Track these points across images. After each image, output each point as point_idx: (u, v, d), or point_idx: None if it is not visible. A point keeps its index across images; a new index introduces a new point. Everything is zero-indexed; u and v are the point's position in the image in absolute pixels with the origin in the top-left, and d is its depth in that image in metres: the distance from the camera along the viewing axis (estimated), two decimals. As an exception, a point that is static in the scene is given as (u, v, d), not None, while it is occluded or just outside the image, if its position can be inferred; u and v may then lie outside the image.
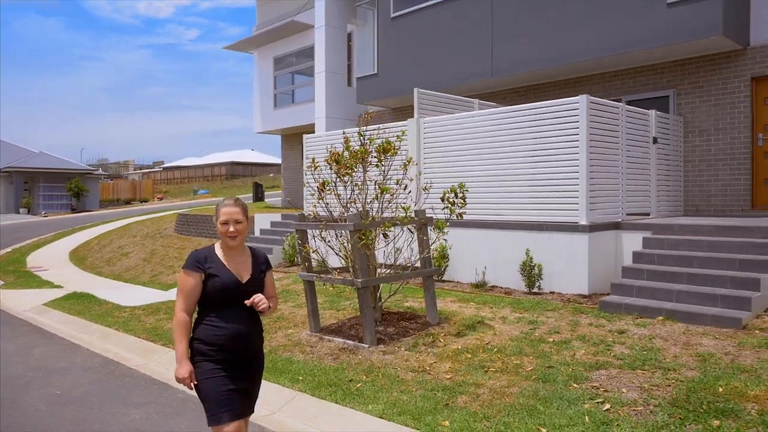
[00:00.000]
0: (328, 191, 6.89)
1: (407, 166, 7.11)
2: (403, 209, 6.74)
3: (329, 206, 7.05)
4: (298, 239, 7.05)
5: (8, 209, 36.00)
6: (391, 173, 7.15)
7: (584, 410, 4.33)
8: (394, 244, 7.20)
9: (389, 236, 6.99)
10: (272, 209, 16.95)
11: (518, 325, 6.65)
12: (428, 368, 5.52)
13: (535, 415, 4.35)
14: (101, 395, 5.59)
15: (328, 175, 7.12)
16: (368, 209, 6.93)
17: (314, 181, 7.05)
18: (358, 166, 6.85)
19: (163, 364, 6.57)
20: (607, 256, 7.95)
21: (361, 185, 6.94)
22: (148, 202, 43.91)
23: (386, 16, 13.50)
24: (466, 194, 6.84)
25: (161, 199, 45.52)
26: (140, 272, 13.64)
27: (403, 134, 7.30)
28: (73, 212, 35.98)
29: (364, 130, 7.13)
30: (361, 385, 5.23)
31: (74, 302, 10.18)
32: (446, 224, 6.81)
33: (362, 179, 6.96)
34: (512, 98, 12.37)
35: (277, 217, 13.91)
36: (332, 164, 6.85)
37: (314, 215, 7.27)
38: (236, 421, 3.07)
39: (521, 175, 8.46)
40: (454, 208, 6.76)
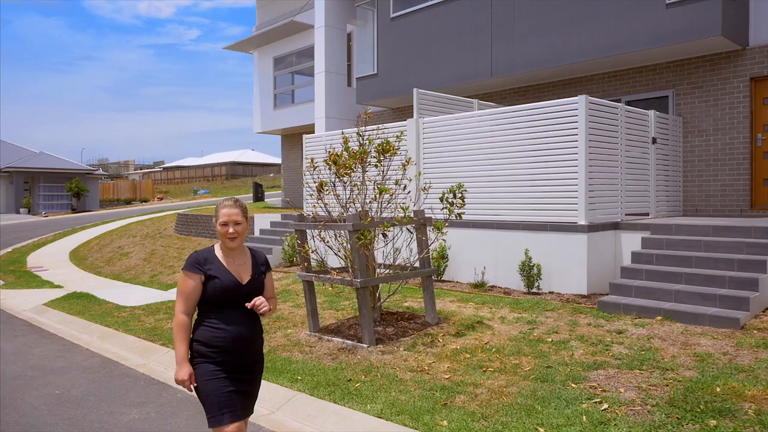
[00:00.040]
0: (326, 192, 6.90)
1: (406, 166, 7.12)
2: (401, 209, 6.74)
3: (328, 206, 7.06)
4: (297, 239, 7.06)
5: (8, 209, 36.04)
6: (390, 173, 7.16)
7: (582, 410, 4.34)
8: (393, 244, 7.21)
9: (388, 236, 7.01)
10: (272, 209, 16.95)
11: (517, 325, 6.66)
12: (427, 368, 5.53)
13: (533, 414, 4.36)
14: (100, 395, 5.60)
15: (327, 175, 7.12)
16: (367, 209, 6.94)
17: (313, 181, 7.07)
18: (356, 166, 6.86)
19: (162, 363, 6.58)
20: (605, 256, 7.96)
21: (360, 186, 6.95)
22: (148, 202, 43.93)
23: (386, 16, 13.51)
24: (464, 194, 6.84)
25: (161, 199, 45.54)
26: (140, 272, 13.65)
27: (401, 134, 7.31)
28: (73, 212, 36.00)
29: (362, 130, 7.13)
30: (359, 384, 5.24)
31: (74, 302, 10.18)
32: (445, 224, 6.82)
33: (361, 180, 6.96)
34: (512, 98, 12.38)
35: (276, 217, 13.92)
36: (331, 165, 6.86)
37: (314, 215, 7.28)
38: (237, 422, 3.06)
39: (520, 175, 8.47)
40: (452, 208, 6.77)
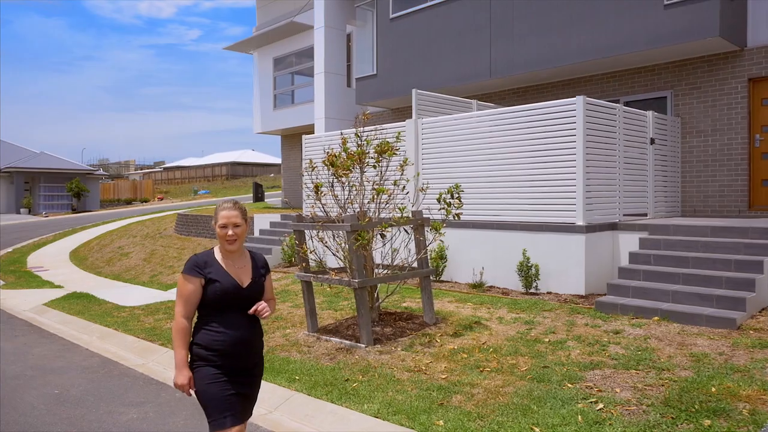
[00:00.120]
0: (322, 194, 6.92)
1: (404, 166, 7.14)
2: (399, 210, 6.77)
3: (327, 207, 7.08)
4: (295, 240, 7.08)
5: (9, 209, 36.08)
6: (388, 174, 7.18)
7: (578, 410, 4.36)
8: (391, 244, 7.24)
9: (386, 237, 7.03)
10: (272, 209, 16.98)
11: (515, 325, 6.68)
12: (424, 368, 5.55)
13: (528, 414, 4.38)
14: (99, 394, 5.62)
15: (326, 176, 7.15)
16: (365, 210, 6.96)
17: (311, 182, 7.09)
18: (354, 167, 6.88)
19: (161, 363, 6.61)
20: (603, 256, 7.98)
21: (358, 186, 6.98)
22: (148, 202, 43.97)
23: (385, 17, 13.53)
24: (461, 195, 6.87)
25: (162, 199, 45.58)
26: (140, 272, 13.68)
27: (400, 135, 7.33)
28: (73, 212, 36.05)
29: (361, 131, 7.15)
30: (357, 384, 5.26)
31: (74, 302, 10.21)
32: (443, 225, 6.84)
33: (359, 180, 6.99)
34: (511, 99, 12.40)
35: (276, 217, 13.95)
36: (329, 165, 6.88)
37: (312, 216, 7.30)
38: (239, 425, 3.06)
39: (519, 175, 8.48)
40: (450, 209, 6.79)
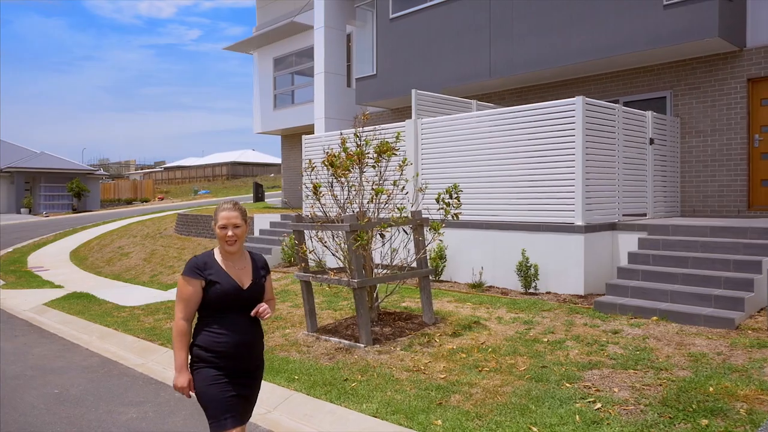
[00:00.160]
0: (322, 194, 6.93)
1: (403, 167, 7.15)
2: (398, 210, 6.78)
3: (327, 207, 7.09)
4: (295, 240, 7.10)
5: (9, 209, 36.11)
6: (387, 174, 7.19)
7: (575, 409, 4.38)
8: (390, 244, 7.25)
9: (386, 237, 7.04)
10: (272, 209, 17.00)
11: (513, 325, 6.69)
12: (423, 368, 5.56)
13: (526, 414, 4.39)
14: (98, 394, 5.64)
15: (325, 176, 7.16)
16: (365, 210, 6.97)
17: (311, 182, 7.10)
18: (354, 167, 6.89)
19: (160, 363, 6.62)
20: (602, 256, 7.99)
21: (358, 186, 6.99)
22: (148, 202, 43.99)
23: (385, 17, 13.55)
24: (460, 195, 6.88)
25: (162, 199, 45.60)
26: (140, 272, 13.70)
27: (399, 135, 7.35)
28: (74, 212, 36.07)
29: (360, 131, 7.17)
30: (355, 384, 5.27)
31: (74, 302, 10.23)
32: (441, 225, 6.85)
33: (359, 180, 7.00)
34: (510, 99, 12.41)
35: (276, 217, 13.97)
36: (328, 166, 6.90)
37: (312, 216, 7.32)
38: (239, 426, 3.05)
39: (518, 176, 8.50)
40: (449, 209, 6.81)
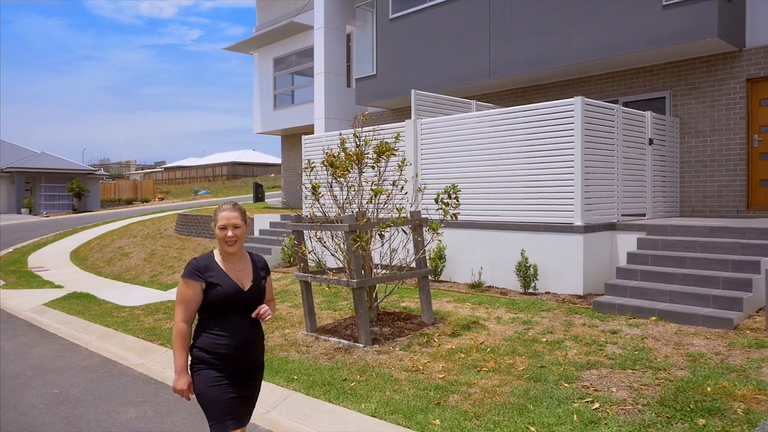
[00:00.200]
0: (321, 194, 6.95)
1: (402, 167, 7.16)
2: (397, 210, 6.79)
3: (326, 207, 7.11)
4: (294, 240, 7.11)
5: (9, 209, 36.13)
6: (387, 175, 7.20)
7: (573, 409, 4.39)
8: (389, 244, 7.26)
9: (385, 237, 7.05)
10: (272, 210, 17.01)
11: (512, 325, 6.70)
12: (422, 368, 5.57)
13: (524, 413, 4.40)
14: (98, 394, 5.65)
15: (324, 176, 7.17)
16: (364, 210, 6.98)
17: (310, 182, 7.12)
18: (353, 167, 6.90)
19: (160, 363, 6.63)
20: (601, 256, 8.00)
21: (357, 187, 7.00)
22: (149, 202, 44.02)
23: (385, 17, 13.56)
24: (459, 195, 6.89)
25: (162, 199, 45.63)
26: (140, 272, 13.71)
27: (398, 136, 7.36)
28: (74, 212, 36.10)
29: (359, 131, 7.18)
30: (354, 384, 5.29)
31: (74, 302, 10.25)
32: (440, 225, 6.86)
33: (358, 181, 7.01)
34: (510, 99, 12.42)
35: (276, 217, 13.99)
36: (328, 166, 6.91)
37: (311, 216, 7.33)
38: (240, 428, 3.04)
39: (517, 176, 8.51)
40: (447, 209, 6.82)
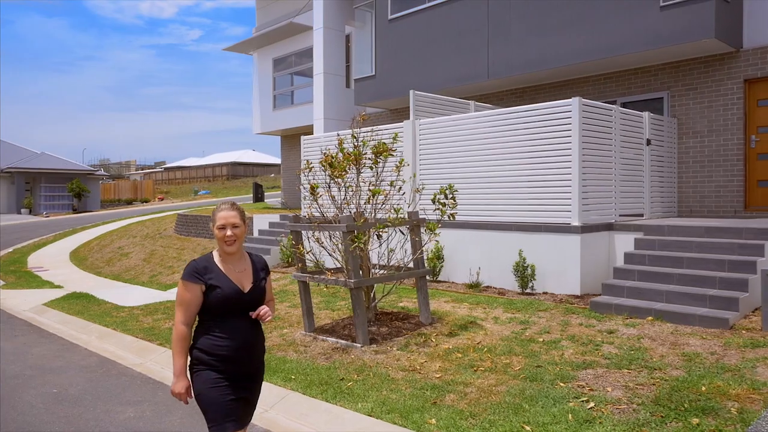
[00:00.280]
0: (319, 194, 6.97)
1: (399, 167, 7.19)
2: (394, 211, 6.81)
3: (324, 208, 7.13)
4: (292, 240, 7.14)
5: (9, 209, 36.16)
6: (384, 175, 7.23)
7: (568, 408, 4.41)
8: (387, 244, 7.29)
9: (383, 237, 7.08)
10: (271, 210, 17.04)
11: (510, 325, 6.73)
12: (419, 367, 5.60)
13: (520, 413, 4.43)
14: (97, 393, 5.68)
15: (323, 177, 7.20)
16: (362, 211, 7.01)
17: (308, 183, 7.14)
18: (351, 168, 6.93)
19: (158, 363, 6.66)
20: (599, 256, 8.02)
21: (355, 187, 7.02)
22: (149, 202, 44.05)
23: (384, 18, 13.58)
24: (456, 195, 6.92)
25: (162, 199, 45.65)
26: (140, 272, 13.74)
27: (396, 136, 7.38)
28: (74, 213, 36.13)
29: (357, 132, 7.20)
30: (351, 383, 5.31)
31: (73, 302, 10.27)
32: (438, 225, 6.89)
33: (356, 181, 7.03)
34: (508, 99, 12.45)
35: (275, 217, 14.01)
36: (326, 166, 6.94)
37: (309, 216, 7.36)
38: (240, 430, 3.03)
39: (515, 176, 8.53)
40: (444, 209, 6.84)
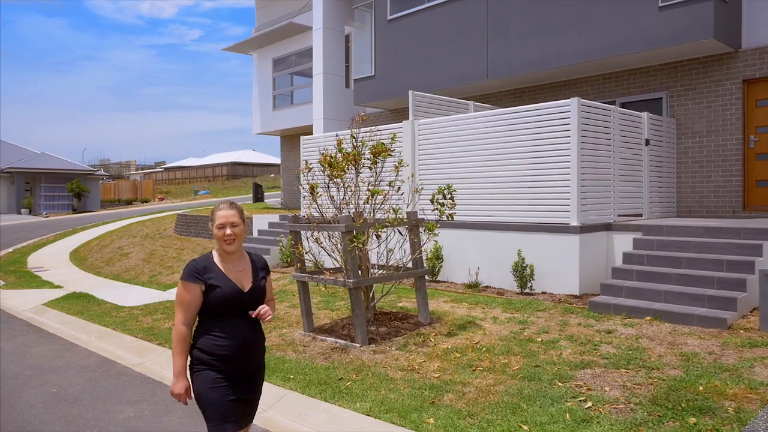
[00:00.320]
0: (318, 194, 6.98)
1: (398, 168, 7.20)
2: (393, 211, 6.83)
3: (323, 208, 7.15)
4: (291, 240, 7.15)
5: (9, 210, 36.17)
6: (383, 175, 7.24)
7: (566, 408, 4.43)
8: (386, 244, 7.30)
9: (381, 237, 7.09)
10: (271, 210, 17.05)
11: (508, 325, 6.74)
12: (417, 367, 5.61)
13: (518, 412, 4.44)
14: (96, 393, 5.69)
15: (322, 177, 7.21)
16: (361, 211, 7.02)
17: (307, 183, 7.16)
18: (349, 168, 6.94)
19: (158, 363, 6.67)
20: (597, 256, 8.04)
21: (353, 187, 7.04)
22: (149, 202, 44.05)
23: (383, 18, 13.60)
24: (454, 195, 6.93)
25: (162, 199, 45.66)
26: (139, 272, 13.75)
27: (395, 136, 7.39)
28: (74, 213, 36.14)
29: (356, 132, 7.21)
30: (350, 383, 5.33)
31: (73, 302, 10.28)
32: (436, 225, 6.90)
33: (354, 182, 7.05)
34: (508, 100, 12.46)
35: (275, 218, 14.03)
36: (325, 167, 6.95)
37: (308, 216, 7.37)
38: (240, 431, 3.01)
39: (514, 176, 8.54)
40: (443, 209, 6.86)
